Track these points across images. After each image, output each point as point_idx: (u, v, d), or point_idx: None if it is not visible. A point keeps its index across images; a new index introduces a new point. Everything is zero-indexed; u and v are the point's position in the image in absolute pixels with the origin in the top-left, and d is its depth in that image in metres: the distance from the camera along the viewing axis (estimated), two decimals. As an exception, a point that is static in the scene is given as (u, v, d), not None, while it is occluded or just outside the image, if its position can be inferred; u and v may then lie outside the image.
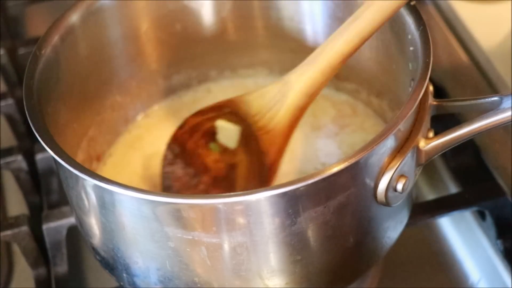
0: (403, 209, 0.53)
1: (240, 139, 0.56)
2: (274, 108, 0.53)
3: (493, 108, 0.48)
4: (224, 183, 0.56)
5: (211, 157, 0.57)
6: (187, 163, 0.57)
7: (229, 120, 0.56)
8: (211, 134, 0.57)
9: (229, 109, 0.56)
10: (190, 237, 0.45)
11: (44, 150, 0.47)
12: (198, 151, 0.57)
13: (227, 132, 0.56)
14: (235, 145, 0.56)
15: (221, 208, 0.44)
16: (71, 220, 0.60)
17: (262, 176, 0.55)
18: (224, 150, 0.56)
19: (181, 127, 0.57)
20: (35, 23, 0.88)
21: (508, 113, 0.47)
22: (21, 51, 0.78)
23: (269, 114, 0.53)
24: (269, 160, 0.54)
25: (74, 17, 0.56)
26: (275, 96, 0.53)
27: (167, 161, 0.58)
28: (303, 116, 0.62)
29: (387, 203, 0.47)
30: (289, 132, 0.54)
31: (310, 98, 0.52)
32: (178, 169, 0.57)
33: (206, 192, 0.56)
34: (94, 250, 0.53)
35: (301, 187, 0.43)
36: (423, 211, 0.60)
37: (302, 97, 0.52)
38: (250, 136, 0.55)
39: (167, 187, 0.57)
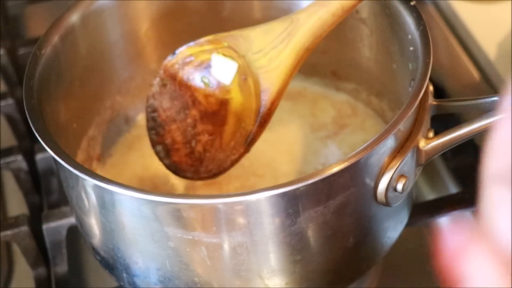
0: (403, 209, 0.53)
1: (237, 75, 0.53)
2: (279, 46, 0.51)
3: (493, 108, 0.48)
4: (214, 118, 0.54)
5: (202, 91, 0.55)
6: (176, 95, 0.55)
7: (227, 55, 0.53)
8: (205, 68, 0.54)
9: (227, 44, 0.53)
10: (190, 237, 0.45)
11: (44, 150, 0.47)
12: (188, 84, 0.55)
13: (223, 67, 0.53)
14: (230, 82, 0.54)
15: (221, 208, 0.44)
16: (71, 220, 0.60)
17: (258, 115, 0.53)
18: (217, 85, 0.54)
19: (172, 57, 0.55)
20: (35, 23, 0.88)
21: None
22: (21, 51, 0.78)
23: (273, 52, 0.52)
24: (269, 99, 0.52)
25: (74, 17, 0.56)
26: (281, 34, 0.51)
27: (154, 91, 0.56)
28: (303, 116, 0.63)
29: (387, 203, 0.47)
30: (291, 72, 0.52)
31: (317, 39, 0.51)
32: (165, 101, 0.55)
33: (194, 126, 0.55)
34: (94, 250, 0.53)
35: (301, 187, 0.43)
36: (423, 211, 0.60)
37: (309, 37, 0.51)
38: (248, 73, 0.53)
39: (151, 119, 0.56)
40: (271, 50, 0.52)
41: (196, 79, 0.55)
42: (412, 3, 0.52)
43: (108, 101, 0.61)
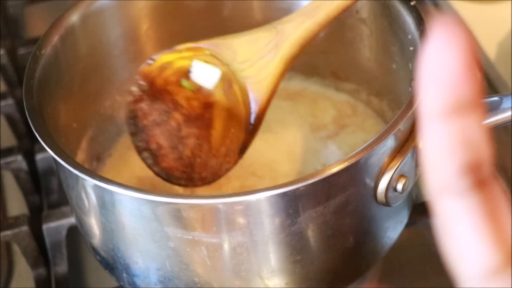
0: (403, 209, 0.53)
1: (221, 82, 0.54)
2: (266, 57, 0.52)
3: (493, 108, 0.48)
4: (199, 122, 0.54)
5: (183, 95, 0.54)
6: (155, 100, 0.55)
7: (208, 61, 0.54)
8: (184, 73, 0.54)
9: (209, 52, 0.54)
10: (190, 237, 0.45)
11: (44, 150, 0.47)
12: (168, 88, 0.55)
13: (205, 74, 0.54)
14: (212, 87, 0.54)
15: (221, 208, 0.44)
16: (71, 220, 0.60)
17: (248, 124, 0.53)
18: (199, 89, 0.54)
19: (150, 64, 0.55)
20: (35, 23, 0.88)
21: (508, 113, 0.47)
22: (21, 51, 0.78)
23: (260, 62, 0.52)
24: (259, 108, 0.53)
25: (74, 17, 0.56)
26: (267, 45, 0.52)
27: (133, 98, 0.55)
28: (303, 116, 0.63)
29: (387, 203, 0.47)
30: (279, 81, 0.53)
31: (303, 47, 0.52)
32: (145, 106, 0.55)
33: (178, 129, 0.55)
34: (94, 250, 0.53)
35: (301, 187, 0.43)
36: (423, 211, 0.59)
37: (296, 47, 0.51)
38: (234, 80, 0.53)
39: (133, 125, 0.55)
40: (258, 61, 0.52)
41: (175, 83, 0.54)
42: (412, 3, 0.52)
43: (108, 101, 0.61)
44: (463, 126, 0.25)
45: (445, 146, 0.25)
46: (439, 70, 0.25)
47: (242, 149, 0.54)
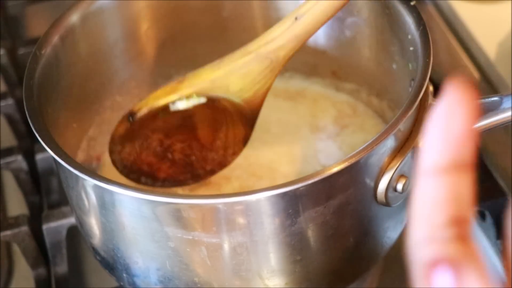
0: (403, 209, 0.53)
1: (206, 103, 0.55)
2: (262, 81, 0.54)
3: (493, 108, 0.48)
4: (180, 130, 0.56)
5: (159, 121, 0.56)
6: (134, 139, 0.56)
7: (193, 96, 0.55)
8: (163, 109, 0.56)
9: (195, 93, 0.55)
10: (190, 237, 0.45)
11: (44, 150, 0.47)
12: (144, 125, 0.56)
13: (186, 105, 0.56)
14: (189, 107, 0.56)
15: (221, 208, 0.44)
16: (71, 220, 0.60)
17: (247, 124, 0.56)
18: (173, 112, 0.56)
19: (128, 121, 0.56)
20: (35, 23, 0.88)
21: (508, 113, 0.47)
22: (21, 51, 0.78)
23: (257, 86, 0.54)
24: (256, 111, 0.55)
25: (74, 17, 0.56)
26: (262, 72, 0.53)
27: (115, 153, 0.56)
28: (303, 116, 0.63)
29: (387, 203, 0.47)
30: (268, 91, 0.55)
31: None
32: (127, 149, 0.56)
33: (161, 144, 0.56)
34: (94, 250, 0.53)
35: (301, 187, 0.43)
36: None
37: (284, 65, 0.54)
38: (221, 99, 0.55)
39: (124, 168, 0.56)
40: (254, 86, 0.54)
41: (152, 118, 0.56)
42: (412, 3, 0.52)
43: (108, 101, 0.61)
44: (454, 183, 0.27)
45: (434, 198, 0.28)
46: (443, 131, 0.27)
47: (245, 141, 0.56)
